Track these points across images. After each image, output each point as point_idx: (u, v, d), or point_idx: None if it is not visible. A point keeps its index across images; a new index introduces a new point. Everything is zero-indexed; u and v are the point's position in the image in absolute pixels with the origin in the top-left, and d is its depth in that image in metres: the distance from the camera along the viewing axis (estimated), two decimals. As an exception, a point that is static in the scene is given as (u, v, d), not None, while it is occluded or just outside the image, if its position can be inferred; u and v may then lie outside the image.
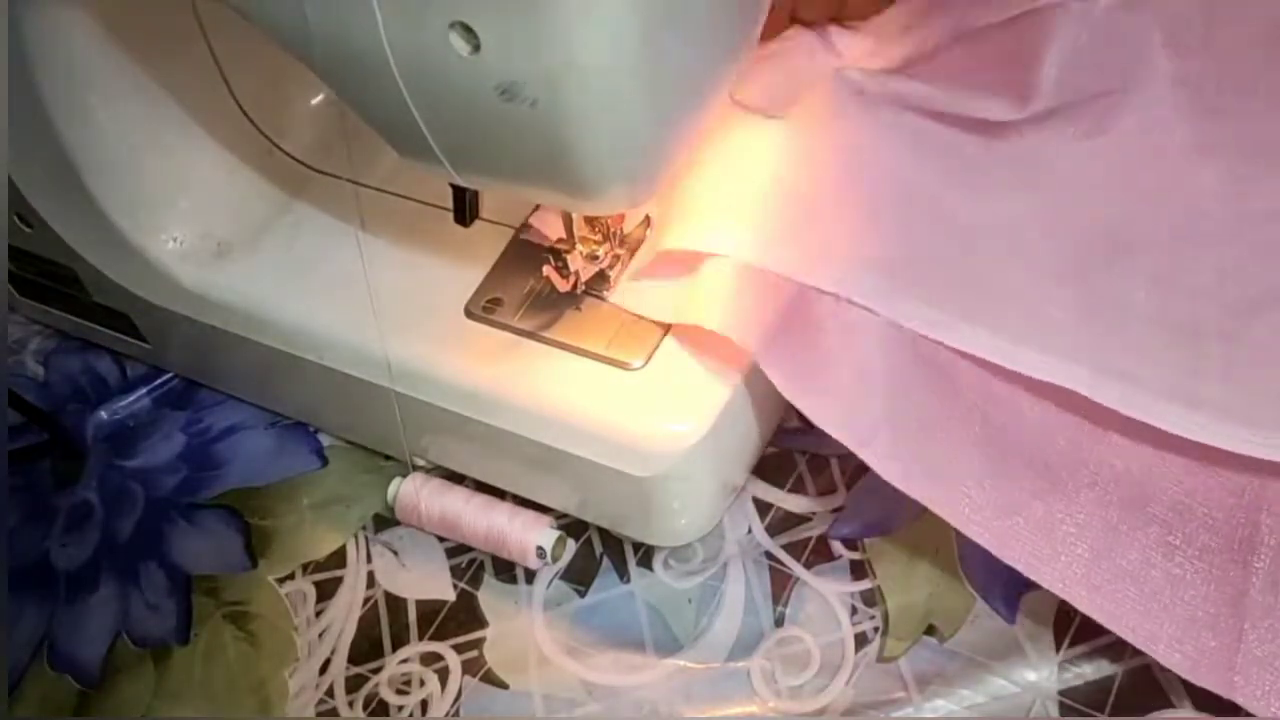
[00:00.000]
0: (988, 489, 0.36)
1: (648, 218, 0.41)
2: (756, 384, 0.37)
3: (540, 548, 0.41)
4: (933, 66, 0.42)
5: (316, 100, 0.47)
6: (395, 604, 0.42)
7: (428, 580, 0.43)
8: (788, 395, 0.36)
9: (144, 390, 0.50)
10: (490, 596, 0.42)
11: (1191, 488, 0.36)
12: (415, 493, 0.42)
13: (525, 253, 0.41)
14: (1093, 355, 0.36)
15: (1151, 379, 0.36)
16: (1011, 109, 0.40)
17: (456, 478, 0.43)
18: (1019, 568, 0.35)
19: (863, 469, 0.37)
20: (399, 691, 0.40)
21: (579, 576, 0.42)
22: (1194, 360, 0.36)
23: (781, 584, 0.40)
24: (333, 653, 0.41)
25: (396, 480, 0.43)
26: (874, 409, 0.36)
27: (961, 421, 0.37)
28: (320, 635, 0.42)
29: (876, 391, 0.37)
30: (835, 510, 0.42)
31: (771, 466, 0.43)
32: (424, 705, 0.39)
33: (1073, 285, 0.38)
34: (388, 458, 0.46)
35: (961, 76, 0.41)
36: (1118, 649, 0.36)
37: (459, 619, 0.41)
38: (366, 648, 0.41)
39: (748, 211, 0.38)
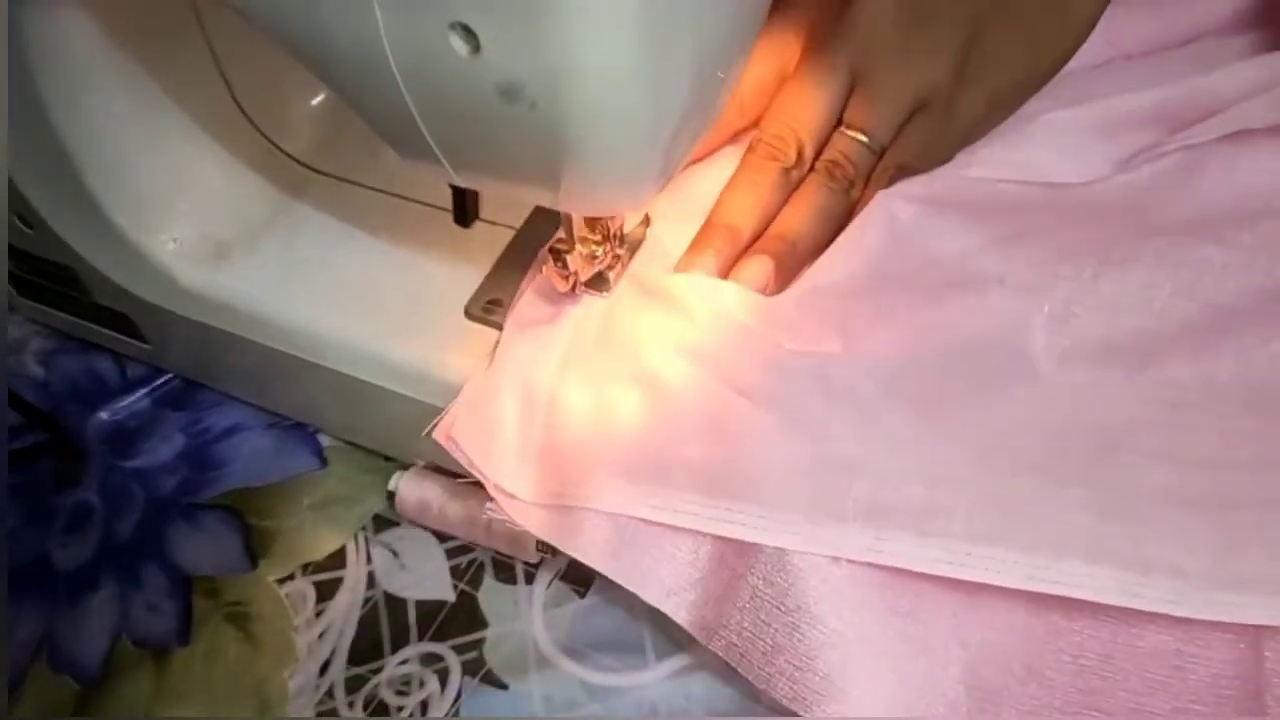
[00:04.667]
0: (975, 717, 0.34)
1: (647, 217, 0.41)
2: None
3: (540, 542, 0.40)
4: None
5: (316, 100, 0.47)
6: (395, 604, 0.42)
7: (428, 581, 0.43)
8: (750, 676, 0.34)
9: (144, 391, 0.50)
10: (490, 597, 0.42)
11: (1188, 645, 0.32)
12: (415, 487, 0.42)
13: (525, 253, 0.41)
14: (1126, 552, 0.32)
15: (1194, 565, 0.32)
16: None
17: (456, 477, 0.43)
18: None
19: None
20: (399, 692, 0.40)
21: (579, 577, 0.42)
22: (1232, 534, 0.33)
23: (782, 584, 0.40)
24: (332, 653, 0.41)
25: (397, 474, 0.43)
26: (854, 677, 0.33)
27: (940, 660, 0.34)
28: (320, 636, 0.42)
29: (852, 657, 0.33)
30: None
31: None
32: (424, 706, 0.39)
33: (1079, 485, 0.34)
34: (388, 458, 0.46)
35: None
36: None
37: (459, 619, 0.41)
38: (366, 648, 0.41)
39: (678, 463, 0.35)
